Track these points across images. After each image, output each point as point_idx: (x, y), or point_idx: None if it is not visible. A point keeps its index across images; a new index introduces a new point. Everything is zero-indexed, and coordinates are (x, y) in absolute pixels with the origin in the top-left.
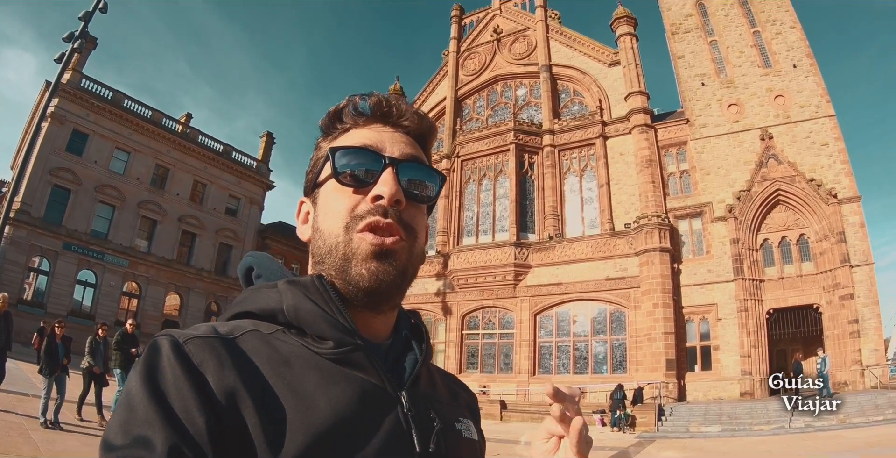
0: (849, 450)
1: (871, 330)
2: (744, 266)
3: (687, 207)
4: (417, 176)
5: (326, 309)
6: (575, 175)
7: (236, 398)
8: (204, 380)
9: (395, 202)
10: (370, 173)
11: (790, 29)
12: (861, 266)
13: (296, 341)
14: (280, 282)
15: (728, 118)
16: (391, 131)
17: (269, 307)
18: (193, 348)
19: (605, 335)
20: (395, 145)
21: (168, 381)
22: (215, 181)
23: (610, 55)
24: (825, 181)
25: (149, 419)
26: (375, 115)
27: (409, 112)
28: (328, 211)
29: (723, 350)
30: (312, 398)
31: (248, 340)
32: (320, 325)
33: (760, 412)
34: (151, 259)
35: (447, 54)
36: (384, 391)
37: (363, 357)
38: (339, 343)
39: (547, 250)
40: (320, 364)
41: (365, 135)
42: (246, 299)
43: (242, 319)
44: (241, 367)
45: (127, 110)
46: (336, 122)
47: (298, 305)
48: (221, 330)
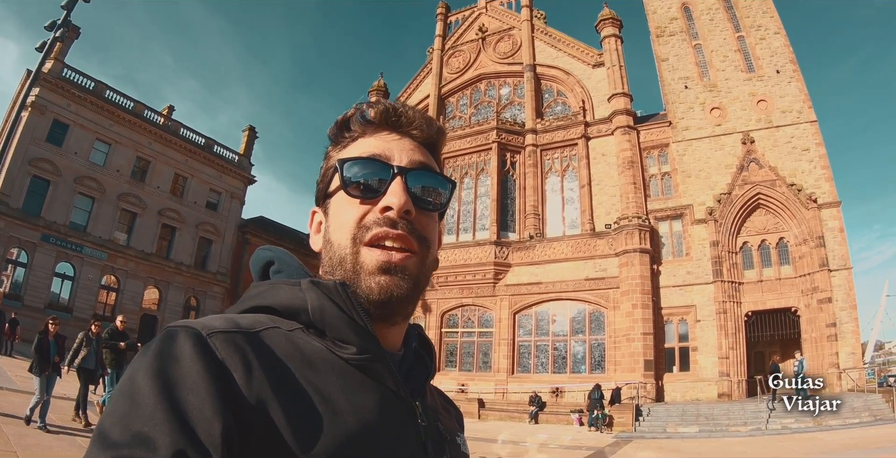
0: (825, 452)
1: (848, 334)
2: (723, 268)
3: (668, 208)
4: (427, 184)
5: (350, 314)
6: (556, 175)
7: (262, 399)
8: (229, 378)
9: (405, 213)
10: (379, 184)
11: (774, 35)
12: (839, 271)
13: (318, 343)
14: (304, 281)
15: (710, 121)
16: (399, 139)
17: (292, 305)
18: (218, 343)
19: (584, 335)
20: (403, 153)
21: (186, 376)
22: (196, 175)
23: (594, 56)
24: (805, 186)
25: (155, 416)
26: (383, 123)
27: (417, 119)
28: (338, 222)
29: (701, 352)
30: (337, 403)
31: (271, 336)
32: (344, 329)
33: (738, 413)
34: (130, 252)
35: (432, 52)
36: (402, 401)
37: (382, 367)
38: (362, 350)
39: (527, 249)
40: (343, 369)
41: (373, 144)
42: (265, 293)
43: (260, 313)
44: (267, 367)
45: (108, 101)
46: (344, 130)
47: (325, 306)
48: (243, 323)
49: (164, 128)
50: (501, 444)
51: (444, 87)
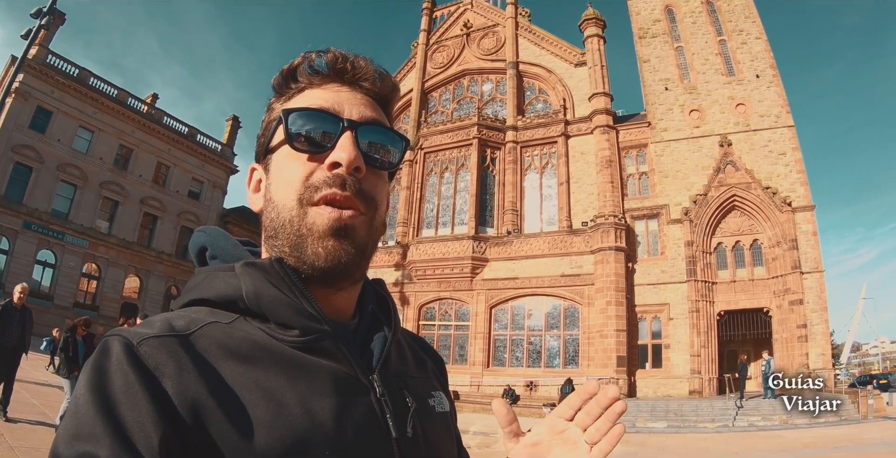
0: (784, 450)
1: (818, 335)
2: (697, 268)
3: (644, 208)
4: (378, 140)
5: (289, 294)
6: (536, 172)
7: (199, 406)
8: (160, 387)
9: (355, 169)
10: (327, 138)
11: (756, 40)
12: (812, 273)
13: (258, 331)
14: (237, 265)
15: (689, 123)
16: (349, 91)
17: (226, 294)
18: (148, 350)
19: (558, 330)
20: (353, 107)
21: (118, 389)
22: (179, 164)
23: (577, 55)
24: (781, 189)
25: (94, 432)
26: (332, 73)
27: (368, 70)
28: (281, 180)
29: (673, 349)
30: (281, 394)
31: (207, 334)
32: (284, 312)
33: (706, 410)
34: (112, 241)
35: (416, 46)
36: (355, 379)
37: (331, 344)
38: (305, 331)
39: (505, 244)
40: (286, 355)
41: (321, 96)
42: (200, 284)
43: (199, 306)
44: (202, 369)
45: (92, 88)
46: (290, 80)
47: (259, 291)
48: (178, 324)
49: (147, 116)
50: (472, 435)
51: (428, 81)
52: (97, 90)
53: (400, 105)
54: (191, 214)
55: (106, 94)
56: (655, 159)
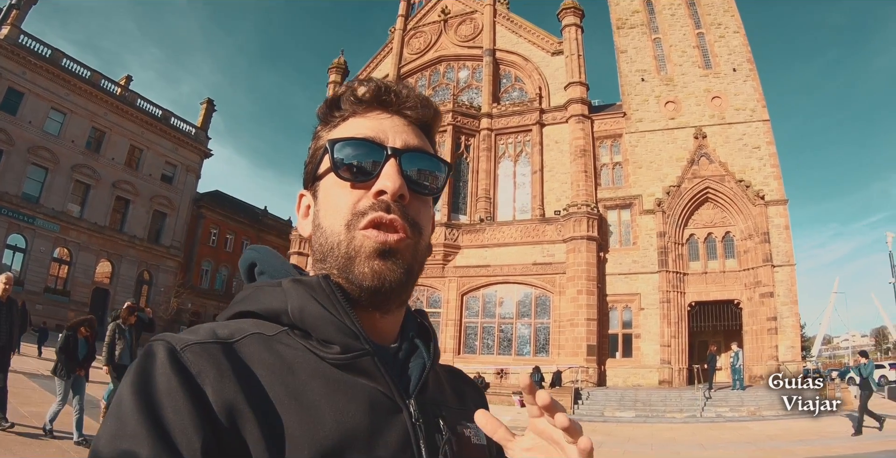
0: (748, 441)
1: (788, 328)
2: (669, 259)
3: (617, 198)
4: (422, 167)
5: (333, 312)
6: (510, 160)
7: (236, 413)
8: (202, 393)
9: (399, 197)
10: (372, 166)
11: (734, 34)
12: (783, 266)
13: (300, 345)
14: (285, 280)
15: (664, 115)
16: (392, 119)
17: (272, 308)
18: (191, 356)
19: (529, 319)
20: (397, 135)
21: (162, 392)
22: (152, 147)
23: (554, 44)
24: (754, 183)
25: (137, 432)
26: (375, 102)
27: (411, 98)
28: (329, 207)
29: (644, 339)
30: (317, 409)
31: (249, 344)
32: (326, 328)
33: (675, 400)
34: (83, 225)
35: (393, 31)
36: (391, 400)
37: (371, 363)
38: (346, 349)
39: (477, 232)
40: (325, 371)
41: (365, 124)
42: (248, 297)
43: (244, 318)
44: (242, 377)
45: (65, 70)
46: (334, 110)
47: (304, 306)
48: (221, 333)
49: (120, 98)
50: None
51: (404, 67)
52: (70, 71)
53: None
54: (163, 198)
55: (79, 75)
56: (630, 150)
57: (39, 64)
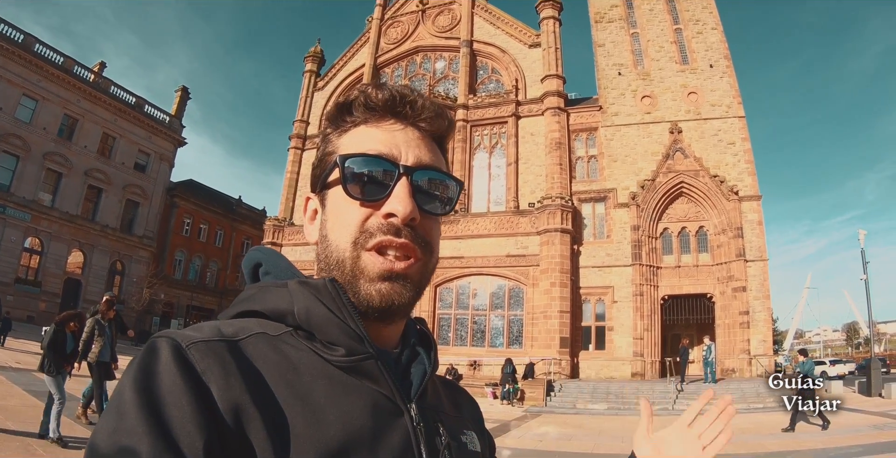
0: None
1: (760, 322)
2: (642, 252)
3: (592, 191)
4: (434, 186)
5: (339, 314)
6: (485, 151)
7: (242, 412)
8: (207, 391)
9: (410, 220)
10: (383, 184)
11: (711, 30)
12: (756, 261)
13: (305, 346)
14: (291, 281)
15: (640, 109)
16: (405, 130)
17: (278, 308)
18: (197, 354)
19: (503, 310)
20: (409, 150)
21: (165, 389)
22: (125, 135)
23: (532, 37)
24: (728, 178)
25: (137, 429)
26: (388, 111)
27: (426, 110)
28: (337, 220)
29: (617, 331)
30: (322, 410)
31: (255, 343)
32: (332, 331)
33: (647, 392)
34: (55, 214)
35: (371, 21)
36: (394, 403)
37: (375, 367)
38: (351, 351)
39: (451, 223)
40: (330, 373)
41: (376, 137)
42: (253, 296)
43: (248, 318)
44: (247, 376)
45: (38, 56)
46: (345, 114)
47: (311, 308)
48: (226, 331)
49: (94, 85)
50: None
51: (381, 57)
52: (43, 57)
53: (351, 81)
54: (136, 187)
55: (52, 61)
56: (605, 143)
57: (11, 49)
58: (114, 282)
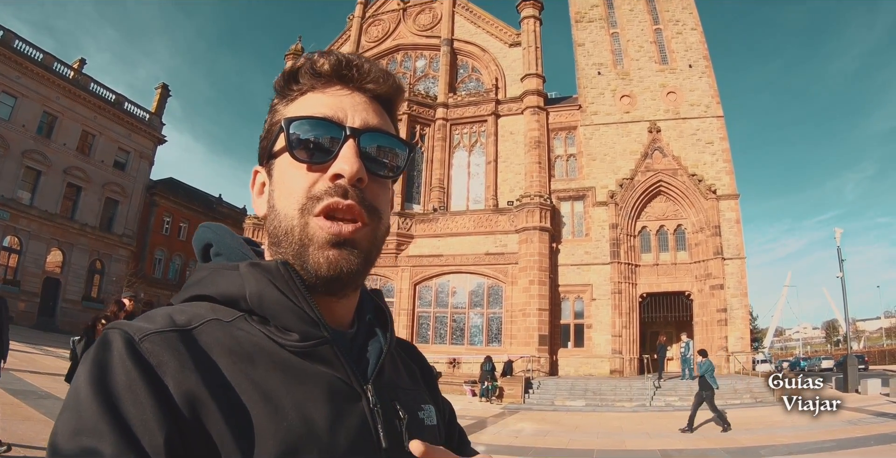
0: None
1: (738, 319)
2: (620, 250)
3: (571, 189)
4: (382, 147)
5: (292, 298)
6: (464, 150)
7: (199, 404)
8: (163, 385)
9: (357, 181)
10: (329, 147)
11: (691, 30)
12: (733, 259)
13: (258, 332)
14: (242, 264)
15: (619, 108)
16: (352, 95)
17: (229, 292)
18: (150, 347)
19: (482, 308)
20: (356, 113)
21: (121, 386)
22: (105, 133)
23: (512, 36)
24: (706, 177)
25: (97, 428)
26: (335, 76)
27: (373, 73)
28: (284, 188)
29: (595, 329)
30: (279, 398)
31: (208, 331)
32: (286, 315)
33: (624, 389)
34: (34, 212)
35: (352, 19)
36: (350, 387)
37: (329, 351)
38: (305, 336)
39: (430, 221)
40: (285, 359)
41: (323, 101)
42: (204, 279)
43: (200, 301)
44: (203, 367)
45: (17, 52)
46: (292, 82)
47: (263, 292)
48: (179, 319)
49: (73, 82)
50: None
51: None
52: (22, 54)
53: None
54: (116, 185)
55: (31, 58)
56: (584, 142)
57: None
58: (93, 281)
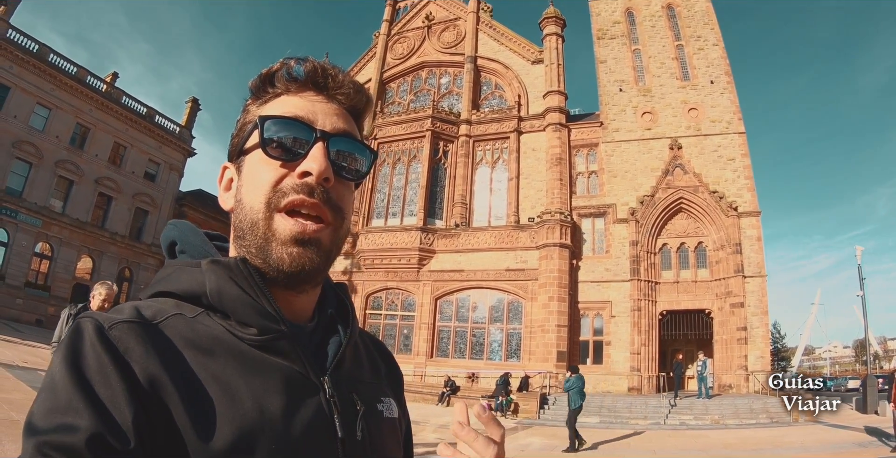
0: (701, 449)
1: (758, 338)
2: (641, 268)
3: (591, 206)
4: (348, 151)
5: (251, 293)
6: (487, 166)
7: (161, 389)
8: (130, 369)
9: (324, 180)
10: (299, 146)
11: (713, 46)
12: (754, 277)
13: (219, 327)
14: (204, 262)
15: (641, 125)
16: (324, 102)
17: (191, 289)
18: (118, 334)
19: (501, 324)
20: (327, 118)
21: (93, 368)
22: (136, 145)
23: (535, 53)
24: (728, 194)
25: (73, 406)
26: (309, 83)
27: (345, 83)
28: (251, 183)
29: (614, 346)
30: (237, 388)
31: (172, 325)
32: (245, 311)
33: (640, 407)
34: (65, 220)
35: (378, 36)
36: (307, 379)
37: (287, 344)
38: (263, 330)
39: (452, 236)
40: (244, 352)
41: (296, 104)
42: (168, 277)
43: (165, 298)
44: (165, 355)
45: (52, 65)
46: (267, 85)
47: (222, 288)
48: (146, 313)
49: (106, 95)
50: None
51: (387, 72)
52: (56, 67)
53: None
54: (146, 196)
55: (65, 71)
56: (605, 159)
57: (27, 59)
58: (122, 288)
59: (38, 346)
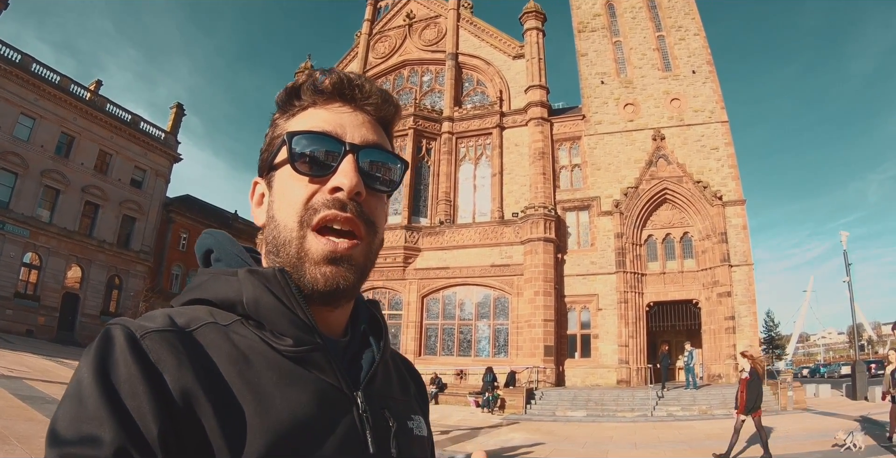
0: (684, 441)
1: (746, 327)
2: (626, 260)
3: (575, 200)
4: (379, 163)
5: (287, 304)
6: (470, 163)
7: (194, 401)
8: (161, 380)
9: (356, 194)
10: (329, 161)
11: (694, 36)
12: (740, 266)
13: (254, 336)
14: (241, 270)
15: (623, 117)
16: (352, 113)
17: (227, 297)
18: (151, 344)
19: (488, 320)
20: (355, 130)
21: (122, 378)
22: (121, 152)
23: (516, 48)
24: (712, 183)
25: (99, 416)
26: (336, 94)
27: (373, 93)
28: (284, 200)
29: (602, 339)
30: (271, 399)
31: (206, 333)
32: (281, 321)
33: (627, 399)
34: (53, 230)
35: (359, 36)
36: (340, 392)
37: (321, 357)
38: (299, 342)
39: (437, 234)
40: (279, 362)
41: (324, 117)
42: (204, 284)
43: (199, 305)
44: (199, 366)
45: (34, 75)
46: (294, 98)
47: (259, 298)
48: (179, 321)
49: (90, 103)
50: None
51: (369, 71)
52: (39, 77)
53: None
54: (133, 203)
55: (48, 80)
56: (588, 152)
57: (9, 69)
58: (111, 296)
59: (26, 355)
